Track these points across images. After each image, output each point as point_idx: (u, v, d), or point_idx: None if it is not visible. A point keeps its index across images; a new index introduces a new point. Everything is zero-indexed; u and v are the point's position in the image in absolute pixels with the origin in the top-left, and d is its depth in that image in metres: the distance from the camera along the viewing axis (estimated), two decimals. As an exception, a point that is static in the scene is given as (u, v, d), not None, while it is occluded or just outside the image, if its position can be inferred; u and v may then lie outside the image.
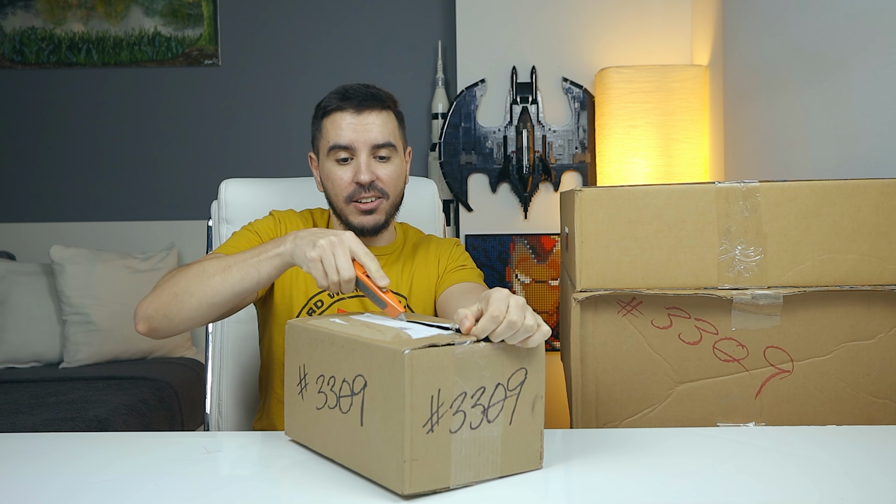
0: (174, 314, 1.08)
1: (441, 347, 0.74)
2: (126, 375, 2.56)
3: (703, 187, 1.12)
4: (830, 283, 1.10)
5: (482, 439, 0.77)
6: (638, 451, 0.89)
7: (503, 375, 0.78)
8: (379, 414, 0.76)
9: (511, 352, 0.78)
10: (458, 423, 0.75)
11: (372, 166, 1.27)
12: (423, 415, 0.73)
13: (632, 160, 2.42)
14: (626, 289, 1.13)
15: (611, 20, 2.67)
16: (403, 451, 0.72)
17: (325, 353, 0.85)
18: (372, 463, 0.77)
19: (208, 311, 1.08)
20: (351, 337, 0.81)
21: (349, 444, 0.81)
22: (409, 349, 0.72)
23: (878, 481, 0.80)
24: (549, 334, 0.79)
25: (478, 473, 0.77)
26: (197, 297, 1.06)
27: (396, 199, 1.33)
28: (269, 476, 0.85)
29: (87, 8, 3.20)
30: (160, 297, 1.09)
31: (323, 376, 0.86)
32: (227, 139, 3.21)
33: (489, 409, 0.77)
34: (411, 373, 0.72)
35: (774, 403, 1.13)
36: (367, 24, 3.19)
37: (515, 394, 0.79)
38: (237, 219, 1.51)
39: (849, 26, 1.53)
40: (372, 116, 1.27)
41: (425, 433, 0.73)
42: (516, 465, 0.80)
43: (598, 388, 1.15)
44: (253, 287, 1.06)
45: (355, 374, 0.80)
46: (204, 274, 1.06)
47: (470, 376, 0.76)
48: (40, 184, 3.23)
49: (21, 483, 0.82)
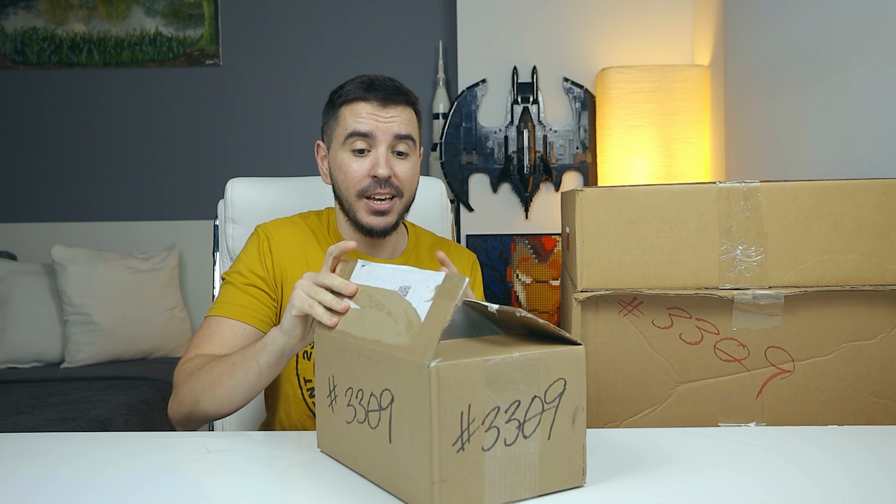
0: (203, 415, 1.12)
1: (471, 360, 0.69)
2: (127, 375, 2.56)
3: (704, 187, 1.12)
4: (832, 284, 1.10)
5: (518, 456, 0.71)
6: (639, 451, 0.89)
7: (539, 387, 0.72)
8: (407, 431, 0.71)
9: (548, 361, 0.73)
10: (491, 440, 0.70)
11: (390, 161, 1.22)
12: (453, 433, 0.68)
13: (633, 160, 2.42)
14: (627, 289, 1.13)
15: (612, 20, 2.67)
16: (432, 472, 0.67)
17: (353, 364, 0.81)
18: (401, 482, 0.73)
19: (231, 408, 1.11)
20: (376, 348, 0.76)
21: (378, 462, 0.77)
22: (436, 362, 0.67)
23: (879, 482, 0.80)
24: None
25: (514, 493, 0.72)
26: (216, 401, 1.09)
27: (409, 199, 1.27)
28: (270, 476, 0.85)
29: (88, 8, 3.20)
30: (184, 403, 1.13)
31: (352, 389, 0.81)
32: (227, 139, 3.22)
33: (525, 424, 0.72)
34: (438, 388, 0.67)
35: (775, 403, 1.13)
36: (368, 24, 3.19)
37: (554, 406, 0.73)
38: (243, 218, 1.50)
39: (849, 26, 1.52)
40: (397, 110, 1.23)
41: (455, 452, 0.68)
42: (556, 483, 0.74)
43: (599, 388, 1.15)
44: (258, 378, 1.06)
45: (382, 388, 0.75)
46: (213, 378, 1.09)
47: (503, 390, 0.70)
48: (42, 184, 3.23)
49: (22, 483, 0.82)
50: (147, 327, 2.83)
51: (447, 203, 1.60)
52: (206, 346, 1.18)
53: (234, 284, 1.25)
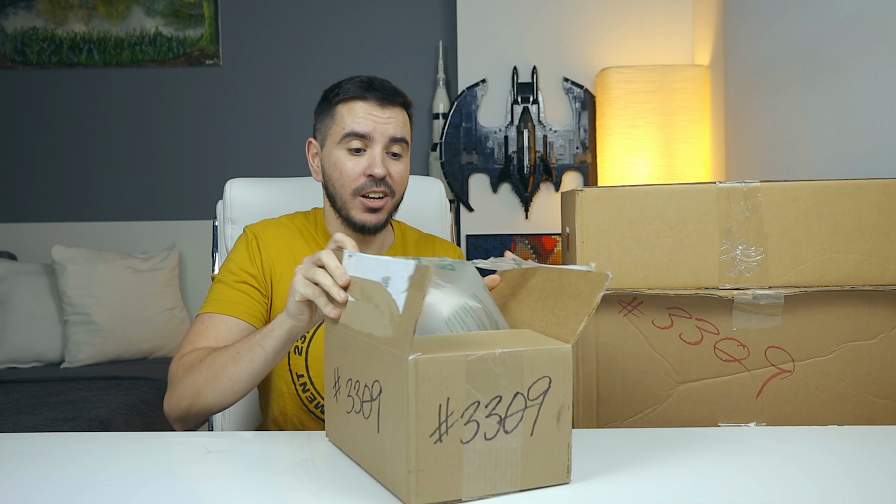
0: (203, 409, 1.11)
1: (451, 354, 0.71)
2: (127, 375, 2.56)
3: (704, 187, 1.12)
4: (831, 283, 1.10)
5: (499, 451, 0.73)
6: (639, 451, 0.89)
7: (522, 384, 0.74)
8: (391, 421, 0.74)
9: (533, 359, 0.74)
10: (470, 433, 0.72)
11: (385, 161, 1.25)
12: (430, 424, 0.70)
13: (633, 160, 2.42)
14: (627, 289, 1.13)
15: (612, 20, 2.67)
16: (409, 462, 0.70)
17: (353, 356, 0.83)
18: (386, 471, 0.76)
19: (233, 398, 1.11)
20: (369, 341, 0.79)
21: (370, 451, 0.80)
22: (414, 355, 0.69)
23: (878, 481, 0.80)
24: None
25: (494, 486, 0.73)
26: (219, 391, 1.09)
27: (399, 199, 1.32)
28: (270, 476, 0.85)
29: (88, 8, 3.20)
30: (183, 397, 1.12)
31: (351, 379, 0.84)
32: (227, 139, 3.22)
33: (506, 420, 0.73)
34: (416, 380, 0.69)
35: (775, 403, 1.13)
36: (368, 24, 3.19)
37: (537, 404, 0.74)
38: (242, 218, 1.50)
39: (849, 26, 1.52)
40: (395, 112, 1.26)
41: (432, 443, 0.70)
42: (539, 479, 0.76)
43: (599, 388, 1.15)
44: (263, 364, 1.06)
45: (374, 378, 0.77)
46: (216, 369, 1.09)
47: (484, 385, 0.72)
48: (42, 184, 3.23)
49: (22, 483, 0.82)
50: (147, 327, 2.83)
51: (446, 203, 1.61)
52: (201, 342, 1.19)
53: (224, 283, 1.26)
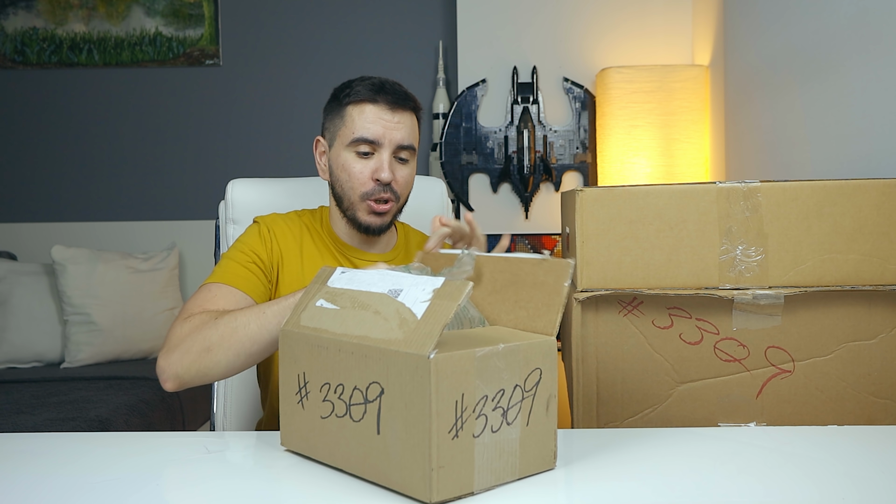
0: (208, 368, 1.07)
1: (463, 351, 0.73)
2: (127, 375, 2.56)
3: (704, 187, 1.12)
4: (831, 283, 1.10)
5: (502, 442, 0.77)
6: (639, 451, 0.89)
7: (520, 377, 0.78)
8: (400, 422, 0.75)
9: (527, 352, 0.78)
10: (480, 427, 0.75)
11: (393, 166, 1.26)
12: (448, 421, 0.72)
13: (633, 160, 2.42)
14: (627, 289, 1.13)
15: (612, 20, 2.67)
16: (431, 460, 0.71)
17: (331, 360, 0.83)
18: (392, 472, 0.76)
19: (245, 361, 1.07)
20: (362, 342, 0.79)
21: (363, 454, 0.80)
22: (434, 354, 0.71)
23: (879, 482, 0.80)
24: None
25: (498, 477, 0.77)
26: (234, 348, 1.05)
27: (404, 202, 1.33)
28: (271, 476, 0.85)
29: (88, 8, 3.20)
30: (189, 352, 1.07)
31: (329, 384, 0.84)
32: (227, 139, 3.22)
33: (508, 411, 0.77)
34: (437, 378, 0.71)
35: (775, 403, 1.13)
36: (368, 24, 3.19)
37: (532, 394, 0.79)
38: (244, 219, 1.51)
39: (849, 26, 1.52)
40: (404, 116, 1.26)
41: (451, 439, 0.72)
42: (533, 466, 0.80)
43: (599, 388, 1.15)
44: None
45: (369, 381, 0.78)
46: (235, 325, 1.05)
47: (490, 379, 0.75)
48: (41, 184, 3.24)
49: (21, 483, 0.82)
50: (147, 327, 2.84)
51: (448, 203, 1.61)
52: (210, 307, 1.15)
53: (234, 259, 1.25)
